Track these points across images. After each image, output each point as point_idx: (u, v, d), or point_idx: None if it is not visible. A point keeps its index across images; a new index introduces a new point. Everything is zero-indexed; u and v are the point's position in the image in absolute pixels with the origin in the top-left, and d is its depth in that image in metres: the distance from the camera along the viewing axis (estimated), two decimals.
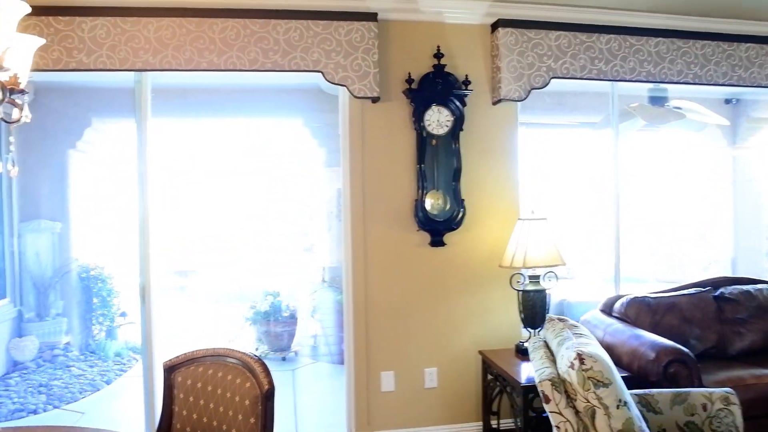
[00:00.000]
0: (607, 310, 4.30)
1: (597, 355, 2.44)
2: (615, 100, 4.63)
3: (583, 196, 5.59)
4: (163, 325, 6.73)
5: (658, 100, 5.23)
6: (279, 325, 6.53)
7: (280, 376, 6.14)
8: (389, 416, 4.14)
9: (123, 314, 6.20)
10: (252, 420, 2.34)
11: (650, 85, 4.95)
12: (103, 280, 6.45)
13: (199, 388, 2.55)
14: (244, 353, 2.50)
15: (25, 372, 5.72)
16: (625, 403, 2.39)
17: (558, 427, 2.46)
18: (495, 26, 4.10)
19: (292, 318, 6.67)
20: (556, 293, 5.27)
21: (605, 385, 2.37)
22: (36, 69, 3.61)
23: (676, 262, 6.12)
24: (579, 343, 2.59)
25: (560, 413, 2.45)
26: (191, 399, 2.56)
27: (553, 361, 2.72)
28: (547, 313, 3.88)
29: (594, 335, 4.05)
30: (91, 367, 5.92)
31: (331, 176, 6.21)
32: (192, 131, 7.13)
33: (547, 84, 4.07)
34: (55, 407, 5.17)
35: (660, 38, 4.24)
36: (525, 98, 4.06)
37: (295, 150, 7.19)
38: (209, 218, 7.77)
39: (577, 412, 2.45)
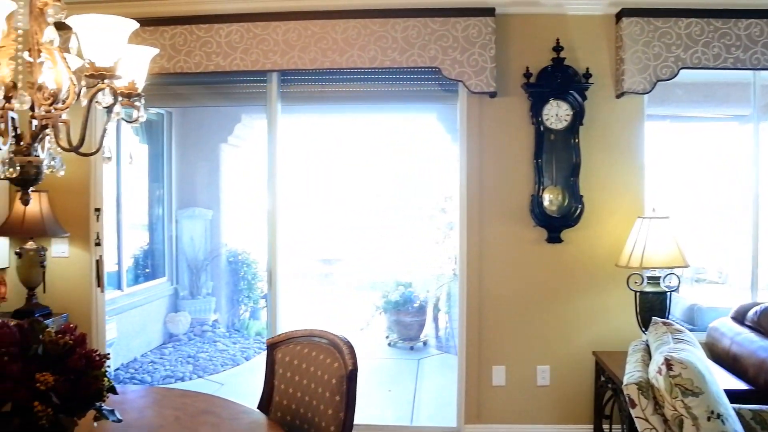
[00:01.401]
0: (740, 318, 3.96)
1: (688, 361, 2.31)
2: (756, 91, 4.24)
3: (732, 195, 5.18)
4: (305, 309, 7.20)
5: None
6: (409, 315, 6.71)
7: (405, 365, 6.31)
8: (499, 411, 4.14)
9: (266, 296, 6.71)
10: (337, 398, 2.49)
11: None
12: (249, 265, 7.01)
13: (295, 365, 2.75)
14: (335, 335, 2.65)
15: (177, 344, 6.40)
16: (719, 416, 2.25)
17: None
18: (619, 16, 3.92)
19: (422, 309, 6.82)
20: (688, 297, 4.97)
21: (695, 395, 2.24)
22: (180, 72, 4.07)
23: None
24: (673, 349, 2.46)
25: (646, 419, 2.36)
26: (288, 374, 2.76)
27: (648, 365, 2.61)
28: (668, 316, 3.68)
29: (720, 344, 3.82)
30: (234, 343, 6.48)
31: None
32: (330, 126, 7.52)
33: (675, 75, 3.83)
34: (199, 377, 5.73)
35: None
36: (650, 90, 3.85)
37: (431, 144, 7.34)
38: (349, 209, 8.15)
39: (665, 420, 2.35)
